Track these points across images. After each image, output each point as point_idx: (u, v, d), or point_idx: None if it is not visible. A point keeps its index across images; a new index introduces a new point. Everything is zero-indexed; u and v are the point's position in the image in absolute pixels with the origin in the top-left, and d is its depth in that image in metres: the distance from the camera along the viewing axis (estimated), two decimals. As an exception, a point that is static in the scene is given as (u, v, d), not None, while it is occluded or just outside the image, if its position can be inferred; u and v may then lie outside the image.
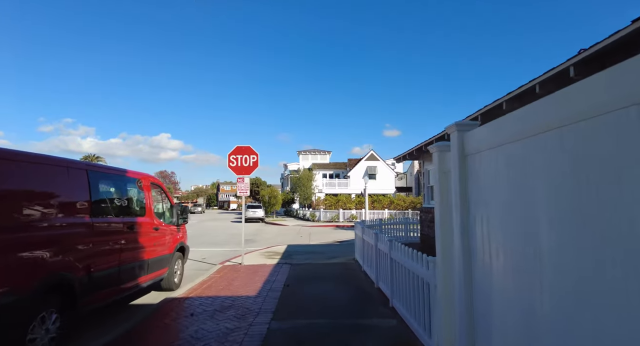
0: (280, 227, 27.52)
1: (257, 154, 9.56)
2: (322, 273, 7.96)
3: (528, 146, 1.95)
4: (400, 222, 14.07)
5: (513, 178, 2.12)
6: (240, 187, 9.54)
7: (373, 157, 44.53)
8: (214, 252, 12.75)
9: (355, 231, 9.64)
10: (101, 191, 4.75)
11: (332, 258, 10.34)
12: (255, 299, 5.82)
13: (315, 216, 33.04)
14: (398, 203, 33.14)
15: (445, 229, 3.15)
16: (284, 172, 60.52)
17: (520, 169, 2.04)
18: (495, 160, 2.31)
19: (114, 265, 4.83)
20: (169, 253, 6.75)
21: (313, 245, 14.50)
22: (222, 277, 7.73)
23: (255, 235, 20.20)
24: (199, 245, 15.02)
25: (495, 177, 2.33)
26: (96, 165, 4.74)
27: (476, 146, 2.59)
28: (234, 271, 8.43)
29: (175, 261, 7.08)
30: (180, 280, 7.37)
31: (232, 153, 9.53)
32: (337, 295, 6.09)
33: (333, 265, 9.12)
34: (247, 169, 9.50)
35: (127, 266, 5.15)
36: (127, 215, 5.39)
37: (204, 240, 16.90)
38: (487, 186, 2.46)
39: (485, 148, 2.45)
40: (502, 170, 2.25)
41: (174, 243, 7.01)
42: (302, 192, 39.21)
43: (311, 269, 8.48)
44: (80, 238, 4.10)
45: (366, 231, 7.60)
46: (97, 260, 4.43)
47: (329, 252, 11.91)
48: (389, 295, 5.41)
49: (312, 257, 10.50)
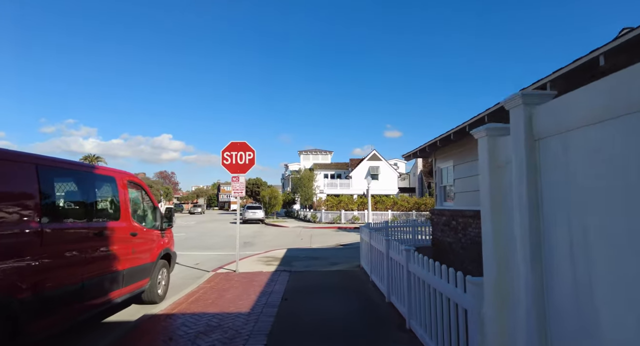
0: (281, 228, 26.69)
1: (254, 151, 8.73)
2: (325, 283, 7.12)
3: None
4: (408, 224, 13.20)
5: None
6: (235, 187, 8.71)
7: (375, 157, 43.68)
8: (208, 257, 11.93)
9: (360, 235, 8.80)
10: (58, 191, 3.92)
11: (335, 264, 9.50)
12: (248, 317, 4.98)
13: (317, 217, 32.20)
14: (402, 204, 32.28)
15: (501, 242, 2.31)
16: (284, 172, 59.71)
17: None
18: (606, 142, 1.47)
19: (76, 280, 4.00)
20: (151, 261, 5.92)
21: (314, 248, 13.66)
22: (213, 288, 6.90)
23: (254, 237, 19.37)
24: (193, 248, 14.20)
25: (603, 168, 1.49)
26: (52, 160, 3.89)
27: (557, 124, 1.76)
28: (227, 280, 7.59)
29: (159, 270, 6.25)
30: (165, 291, 6.54)
31: (226, 150, 8.71)
32: (343, 311, 5.25)
33: (337, 273, 8.27)
34: (242, 167, 8.68)
35: (94, 280, 4.32)
36: (95, 219, 4.57)
37: (200, 243, 16.08)
38: (581, 181, 1.62)
39: (578, 125, 1.62)
40: (618, 156, 1.41)
41: (158, 250, 6.19)
42: (303, 192, 38.38)
43: (313, 278, 7.64)
44: (22, 249, 3.27)
45: (374, 236, 6.77)
46: (50, 275, 3.60)
47: (332, 256, 11.07)
48: (405, 314, 4.57)
49: (313, 263, 9.67)
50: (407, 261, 4.46)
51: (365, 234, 7.89)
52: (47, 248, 3.55)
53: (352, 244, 15.14)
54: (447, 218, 8.22)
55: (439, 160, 9.15)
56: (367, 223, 9.62)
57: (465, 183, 7.58)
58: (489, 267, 2.40)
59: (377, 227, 11.15)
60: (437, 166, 9.23)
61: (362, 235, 8.44)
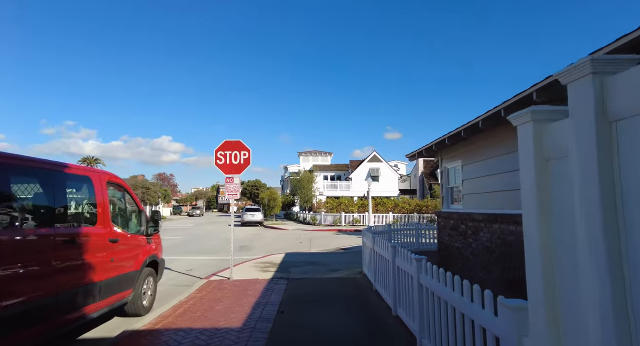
0: (280, 231, 26.15)
1: (249, 150, 8.22)
2: (326, 293, 6.60)
3: None
4: (411, 227, 12.70)
5: None
6: (230, 189, 8.19)
7: (376, 159, 43.18)
8: (203, 262, 11.42)
9: (363, 240, 8.29)
10: (16, 192, 3.41)
11: (336, 271, 8.97)
12: (239, 334, 4.46)
13: (317, 220, 31.66)
14: (403, 206, 31.74)
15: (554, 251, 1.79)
16: (284, 174, 59.22)
17: None
18: None
19: (39, 295, 3.49)
20: (135, 270, 5.41)
21: (314, 253, 13.14)
22: (204, 298, 6.38)
23: (252, 240, 18.84)
24: (188, 253, 13.68)
25: None
26: (7, 156, 3.37)
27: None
28: (220, 289, 7.07)
29: (145, 279, 5.73)
30: (151, 301, 6.02)
31: (219, 150, 8.20)
32: (345, 327, 4.73)
33: (338, 281, 7.75)
34: (237, 168, 8.17)
35: (64, 294, 3.80)
36: (66, 225, 4.06)
37: (196, 247, 15.55)
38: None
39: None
40: None
41: (143, 258, 5.68)
42: (302, 194, 37.87)
43: (312, 287, 7.12)
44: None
45: (378, 241, 6.25)
46: (6, 290, 3.09)
47: (332, 262, 10.54)
48: (415, 332, 4.05)
49: (313, 270, 9.14)
50: (418, 272, 3.95)
51: (368, 239, 7.37)
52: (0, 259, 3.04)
53: (353, 248, 14.62)
54: (456, 222, 7.71)
55: (446, 160, 8.64)
56: (370, 227, 9.11)
57: (476, 185, 7.07)
58: (536, 283, 1.88)
59: (379, 230, 10.63)
60: (444, 166, 8.72)
61: (365, 239, 7.92)
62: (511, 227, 5.54)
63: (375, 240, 6.59)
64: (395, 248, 5.16)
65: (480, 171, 6.80)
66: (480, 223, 6.59)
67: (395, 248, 5.15)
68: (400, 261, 4.78)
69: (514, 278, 5.54)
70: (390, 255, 5.23)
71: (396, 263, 5.04)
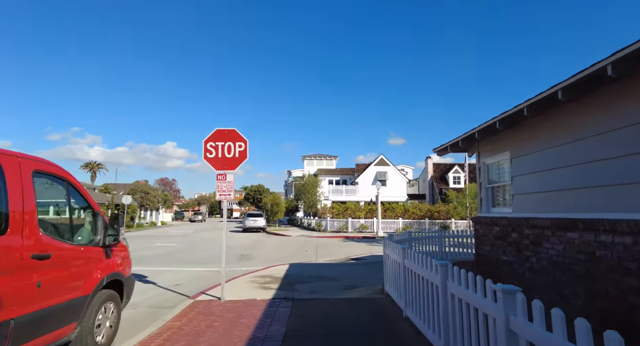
0: (283, 237, 24.59)
1: (246, 141, 6.74)
2: (342, 322, 5.05)
3: None
4: (433, 235, 11.12)
5: None
6: (222, 187, 6.70)
7: (383, 162, 41.62)
8: (196, 274, 9.90)
9: (385, 250, 6.74)
10: None
11: (351, 288, 7.41)
12: (219, 402, 2.92)
13: (322, 225, 30.07)
14: (413, 211, 30.06)
15: None
16: (287, 179, 57.75)
17: None
18: None
19: None
20: (82, 295, 3.90)
21: (322, 264, 11.56)
22: (183, 329, 4.85)
23: (253, 248, 17.29)
24: (181, 263, 12.16)
25: None
26: None
27: None
28: (207, 314, 5.54)
29: (100, 306, 4.22)
30: (110, 336, 4.49)
31: (209, 140, 6.72)
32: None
33: (355, 303, 6.19)
34: (231, 162, 6.68)
35: None
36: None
37: (191, 256, 14.03)
38: None
39: None
40: None
41: (97, 276, 4.17)
42: (306, 199, 36.33)
43: (323, 312, 5.57)
44: None
45: (414, 256, 4.71)
46: None
47: (344, 276, 8.98)
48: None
49: (322, 287, 7.59)
50: (506, 313, 2.41)
51: (394, 250, 5.84)
52: None
53: (365, 258, 13.05)
54: (503, 229, 6.15)
55: (485, 154, 7.09)
56: (390, 235, 7.58)
57: (535, 181, 5.50)
58: None
59: (400, 239, 9.11)
60: (482, 162, 7.17)
61: (388, 250, 6.38)
62: (603, 236, 3.98)
63: (406, 254, 5.04)
64: (446, 267, 3.63)
65: (544, 163, 5.23)
66: (544, 230, 5.03)
67: (447, 268, 3.62)
68: (458, 289, 3.24)
69: (607, 308, 3.97)
70: (439, 277, 3.69)
71: (449, 288, 3.51)
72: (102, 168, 63.09)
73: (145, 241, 21.45)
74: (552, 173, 5.03)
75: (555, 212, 4.89)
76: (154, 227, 41.86)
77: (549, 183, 5.09)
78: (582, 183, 4.44)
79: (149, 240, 21.93)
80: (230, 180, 6.66)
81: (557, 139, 4.97)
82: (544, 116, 5.16)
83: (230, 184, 6.67)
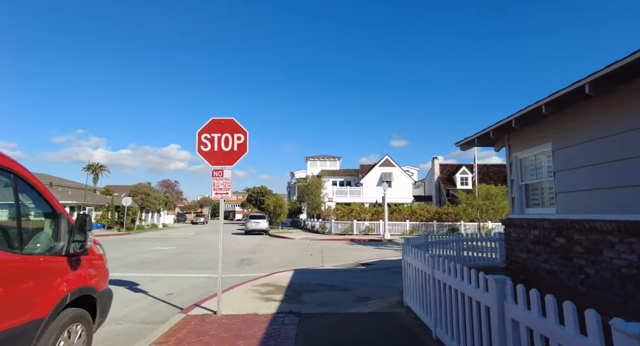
0: (286, 240, 23.73)
1: (246, 132, 5.91)
2: (360, 344, 4.18)
3: None
4: (450, 238, 10.22)
5: None
6: (218, 185, 5.86)
7: (388, 163, 40.70)
8: (193, 281, 9.06)
9: (404, 257, 5.88)
10: None
11: (365, 300, 6.53)
12: None
13: (326, 228, 29.18)
14: (421, 213, 29.09)
15: None
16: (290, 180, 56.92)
17: None
18: None
19: None
20: (32, 319, 3.06)
21: (329, 270, 10.68)
22: (167, 355, 4.00)
23: (255, 252, 16.43)
24: (178, 268, 11.31)
25: None
26: None
27: None
28: (199, 333, 4.69)
29: (61, 331, 3.38)
30: (77, 364, 3.65)
31: (203, 131, 5.89)
32: None
33: (372, 318, 5.31)
34: (228, 156, 5.85)
35: None
36: None
37: (189, 261, 13.18)
38: None
39: None
40: None
41: (58, 293, 3.34)
42: (310, 200, 35.46)
43: (335, 331, 4.71)
44: None
45: (444, 265, 3.85)
46: None
47: (355, 284, 8.11)
48: None
49: (332, 298, 6.72)
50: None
51: (417, 258, 4.98)
52: None
53: (375, 263, 12.15)
54: (545, 233, 5.27)
55: (517, 147, 6.20)
56: (407, 239, 6.72)
57: (589, 176, 4.61)
58: None
59: (416, 243, 8.24)
60: (514, 156, 6.29)
61: (409, 258, 5.51)
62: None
63: (437, 263, 4.18)
64: (504, 284, 2.76)
65: (604, 153, 4.34)
66: (605, 235, 4.15)
67: (505, 285, 2.75)
68: (526, 314, 2.38)
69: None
70: (493, 296, 2.82)
71: (508, 312, 2.65)
72: (104, 170, 62.61)
73: (143, 244, 20.66)
74: (614, 166, 4.15)
75: (621, 213, 4.02)
76: (154, 229, 41.11)
77: (611, 177, 4.21)
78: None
79: (148, 243, 21.14)
80: (227, 177, 5.82)
81: (625, 123, 4.08)
82: (606, 97, 4.27)
83: (228, 181, 5.83)
